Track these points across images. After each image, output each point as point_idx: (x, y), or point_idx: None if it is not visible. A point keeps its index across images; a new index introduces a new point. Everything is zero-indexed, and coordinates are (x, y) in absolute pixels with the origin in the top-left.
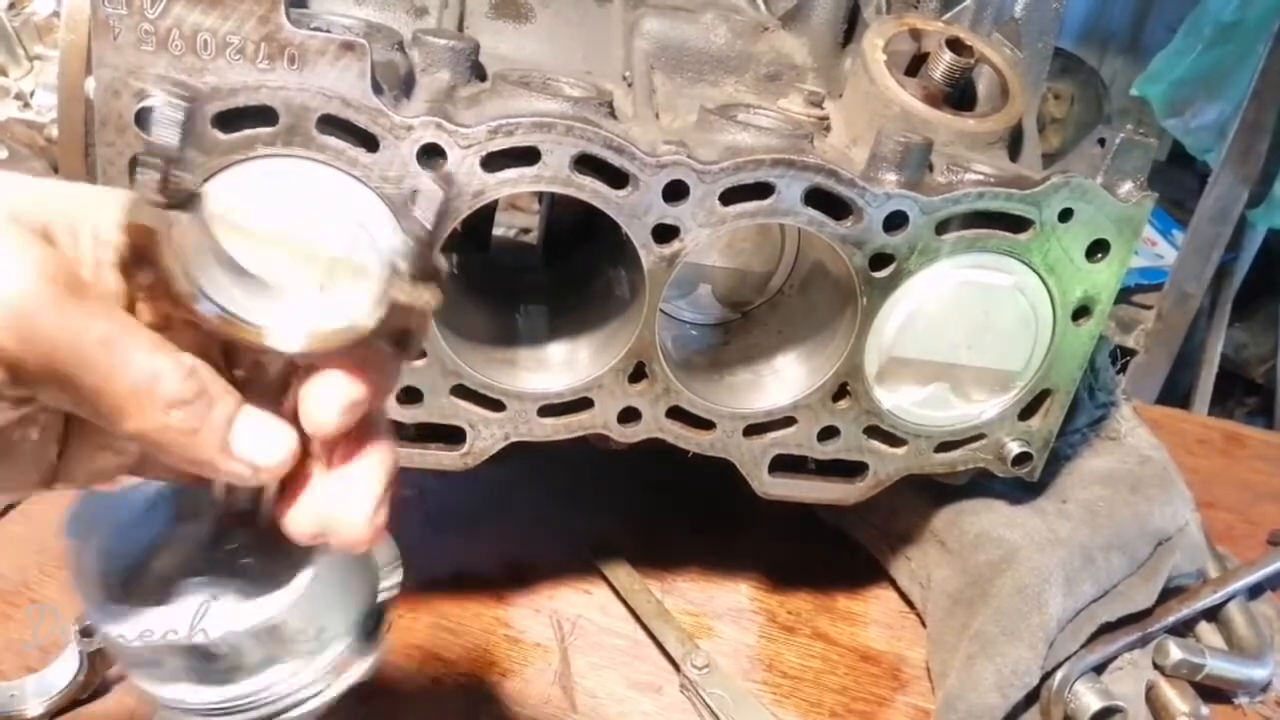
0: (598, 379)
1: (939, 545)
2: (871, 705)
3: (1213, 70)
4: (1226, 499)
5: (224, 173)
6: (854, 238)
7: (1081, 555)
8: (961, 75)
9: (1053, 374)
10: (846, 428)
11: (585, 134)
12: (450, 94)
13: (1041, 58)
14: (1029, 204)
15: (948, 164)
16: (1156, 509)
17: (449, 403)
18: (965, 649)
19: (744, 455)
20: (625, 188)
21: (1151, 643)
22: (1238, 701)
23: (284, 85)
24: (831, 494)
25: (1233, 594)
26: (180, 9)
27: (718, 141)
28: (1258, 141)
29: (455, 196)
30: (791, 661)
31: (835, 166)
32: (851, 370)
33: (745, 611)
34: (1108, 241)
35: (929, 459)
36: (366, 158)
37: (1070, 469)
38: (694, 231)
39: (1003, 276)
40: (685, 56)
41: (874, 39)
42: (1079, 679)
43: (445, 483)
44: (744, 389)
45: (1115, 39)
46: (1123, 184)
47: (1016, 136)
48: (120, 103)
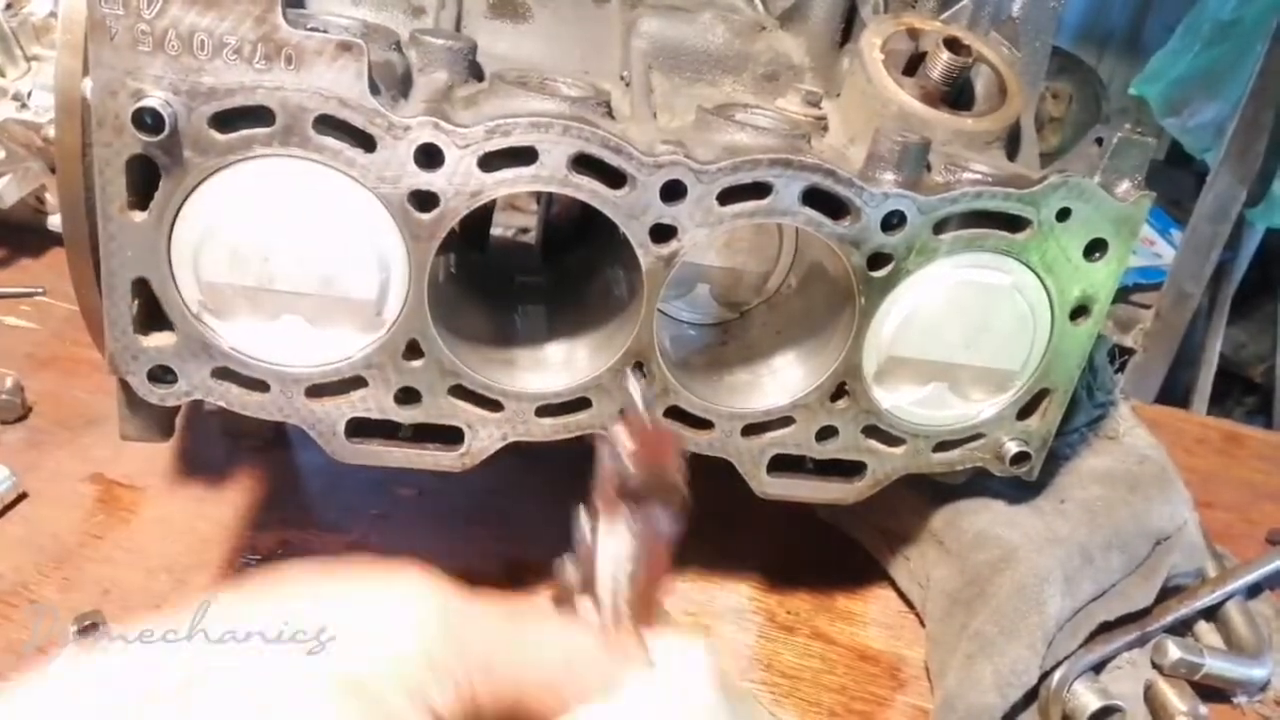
0: (596, 379)
1: (937, 545)
2: (870, 705)
3: (1211, 69)
4: (1225, 498)
5: (221, 173)
6: (852, 237)
7: (1080, 555)
8: (959, 74)
9: (1051, 373)
10: (845, 427)
11: (583, 134)
12: (448, 94)
13: (1039, 57)
14: (1027, 203)
15: (945, 163)
16: (1155, 508)
17: (447, 403)
18: (964, 648)
19: (742, 455)
20: (623, 187)
21: (1150, 642)
22: (1236, 701)
23: (281, 85)
24: (830, 494)
25: (1231, 593)
26: (177, 9)
27: (715, 141)
28: (1256, 141)
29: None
30: (790, 661)
31: (833, 166)
32: (850, 370)
33: (744, 611)
34: (1106, 241)
35: (927, 458)
36: (364, 158)
37: (1069, 468)
38: (692, 231)
39: (1001, 276)
40: (683, 56)
41: (871, 38)
42: (1078, 678)
43: (445, 483)
44: (742, 389)
45: (1113, 38)
46: (1121, 183)
47: (1014, 136)
48: (117, 103)
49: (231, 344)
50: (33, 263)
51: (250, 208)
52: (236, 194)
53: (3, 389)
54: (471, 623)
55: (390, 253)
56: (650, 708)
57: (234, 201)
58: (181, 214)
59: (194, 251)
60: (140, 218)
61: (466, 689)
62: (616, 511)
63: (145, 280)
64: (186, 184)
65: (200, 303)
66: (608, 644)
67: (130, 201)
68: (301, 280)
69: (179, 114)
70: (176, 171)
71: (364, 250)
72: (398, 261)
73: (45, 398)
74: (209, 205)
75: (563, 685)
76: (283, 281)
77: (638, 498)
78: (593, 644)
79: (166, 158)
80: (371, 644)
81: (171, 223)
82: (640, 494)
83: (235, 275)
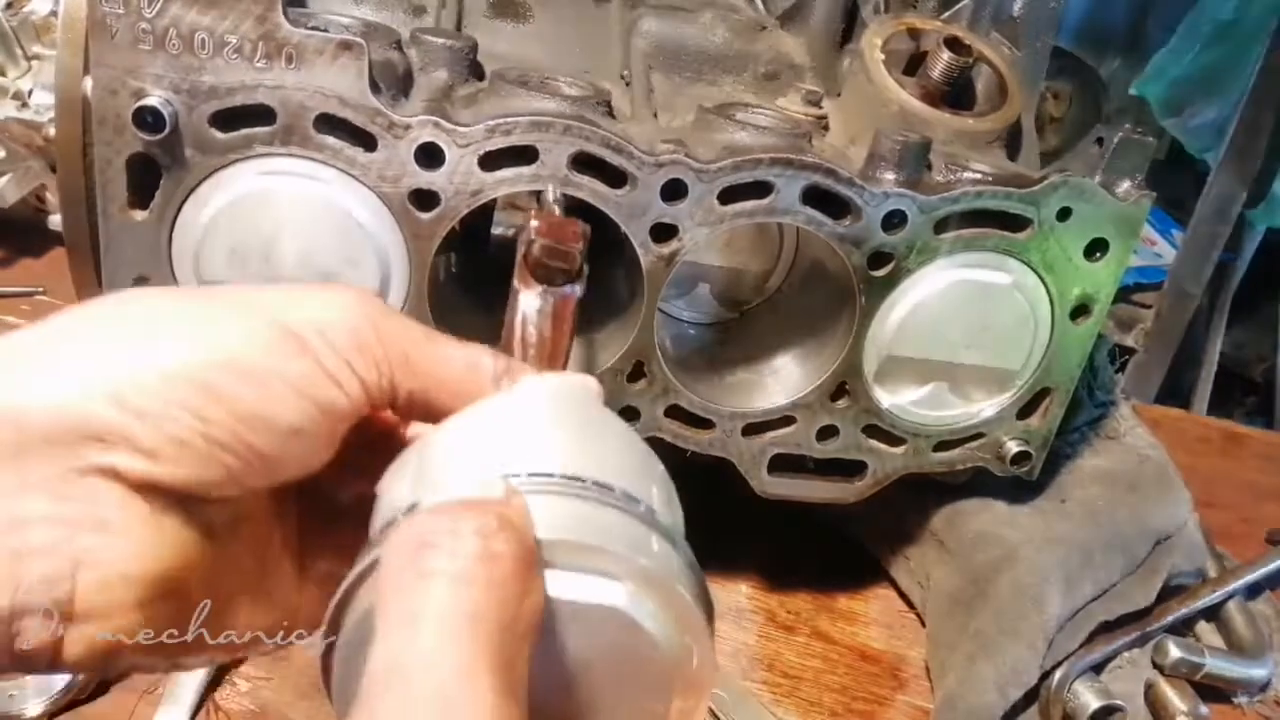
0: (596, 379)
1: (938, 545)
2: (871, 705)
3: (1211, 70)
4: (1226, 498)
5: (222, 172)
6: (852, 236)
7: (1080, 554)
8: (960, 74)
9: (1051, 373)
10: (845, 427)
11: (583, 133)
12: (448, 93)
13: (1040, 57)
14: (1027, 203)
15: (946, 163)
16: (1155, 508)
17: None
18: (964, 648)
19: (743, 454)
20: (623, 187)
21: (1150, 642)
22: (1237, 701)
23: (281, 84)
24: (830, 493)
25: (1232, 593)
26: (177, 8)
27: (716, 141)
28: (1256, 141)
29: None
30: (791, 661)
31: (833, 165)
32: (850, 369)
33: (745, 611)
34: (1106, 241)
35: (928, 458)
36: (364, 157)
37: (1069, 468)
38: (692, 231)
39: (1001, 275)
40: (683, 56)
41: (872, 38)
42: (1078, 678)
43: None
44: (742, 388)
45: (1114, 38)
46: (1121, 183)
47: (1015, 135)
48: (118, 102)
49: None
50: (33, 262)
51: (251, 207)
52: (237, 193)
53: None
54: (395, 320)
55: (391, 252)
56: (512, 404)
57: (235, 200)
58: (182, 213)
59: (195, 250)
60: (141, 217)
61: (386, 371)
62: (529, 282)
63: (146, 279)
64: (187, 183)
65: None
66: (511, 365)
67: (131, 200)
68: (302, 279)
69: (179, 113)
70: (177, 170)
71: (364, 249)
72: (398, 260)
73: None
74: (210, 204)
75: (464, 386)
76: (283, 280)
77: (542, 266)
78: (492, 363)
79: (167, 157)
80: (302, 308)
81: (172, 222)
82: (544, 261)
83: (236, 274)
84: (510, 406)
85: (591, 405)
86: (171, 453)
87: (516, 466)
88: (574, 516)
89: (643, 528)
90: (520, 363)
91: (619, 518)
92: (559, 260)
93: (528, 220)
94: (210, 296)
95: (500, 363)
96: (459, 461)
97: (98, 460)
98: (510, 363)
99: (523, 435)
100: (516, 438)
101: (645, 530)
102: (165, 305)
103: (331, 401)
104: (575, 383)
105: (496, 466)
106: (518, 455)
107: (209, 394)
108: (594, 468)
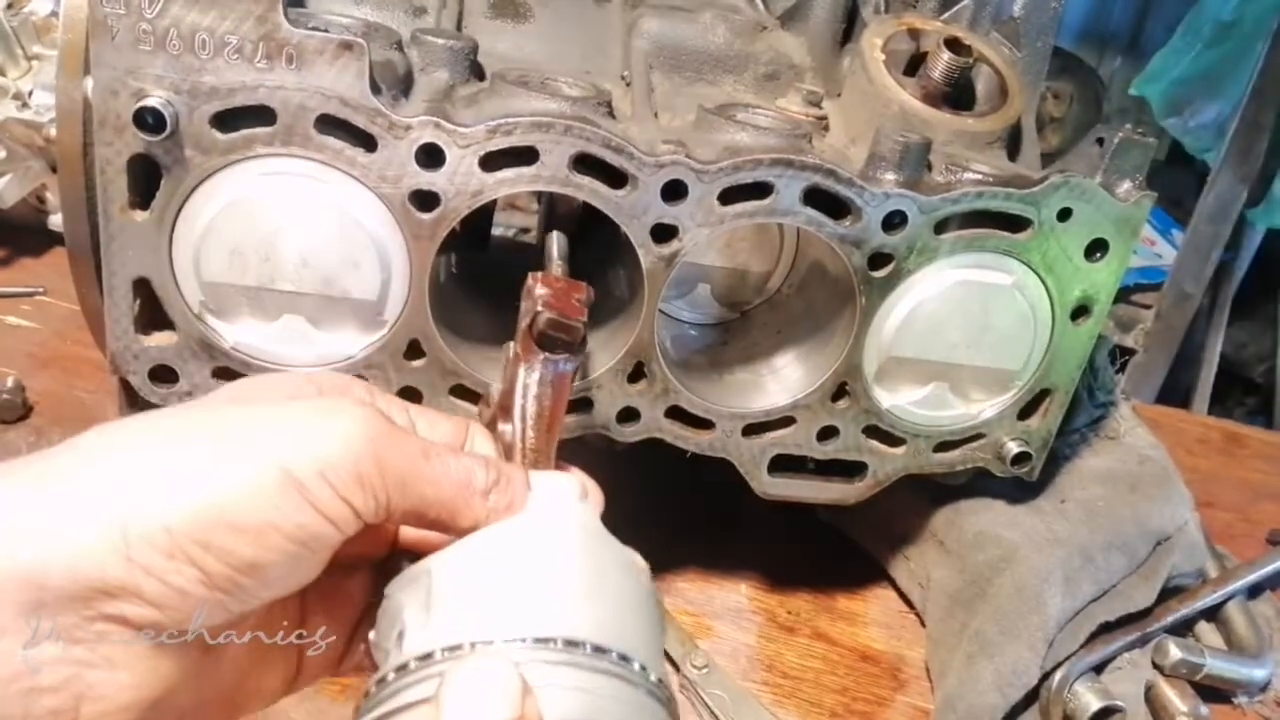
0: (597, 379)
1: (938, 545)
2: (871, 705)
3: (1211, 69)
4: (1226, 498)
5: (222, 173)
6: (853, 237)
7: (1081, 555)
8: (960, 74)
9: (1051, 373)
10: (845, 427)
11: (584, 133)
12: (449, 93)
13: (1040, 57)
14: (1028, 203)
15: (946, 163)
16: (1156, 508)
17: (447, 403)
18: (965, 649)
19: (743, 455)
20: (624, 187)
21: (1151, 642)
22: (1237, 701)
23: (282, 85)
24: (831, 494)
25: (1232, 594)
26: (178, 9)
27: (716, 141)
28: (1257, 141)
29: None
30: (791, 661)
31: (834, 166)
32: (850, 370)
33: (745, 611)
34: (1106, 241)
35: (928, 459)
36: (365, 157)
37: (1069, 469)
38: (692, 231)
39: (1001, 276)
40: (684, 56)
41: (872, 38)
42: (1078, 679)
43: None
44: (743, 389)
45: (1114, 38)
46: (1121, 183)
47: (1015, 136)
48: (118, 102)
49: (233, 344)
50: (33, 262)
51: (251, 207)
52: (238, 193)
53: (3, 389)
54: (396, 443)
55: (391, 252)
56: (511, 540)
57: (235, 201)
58: (183, 213)
59: (195, 251)
60: (141, 217)
61: (383, 499)
62: (531, 350)
63: (146, 280)
64: (188, 183)
65: (201, 302)
66: (501, 476)
67: (131, 201)
68: (302, 280)
69: (180, 113)
70: (178, 171)
71: (365, 250)
72: (399, 261)
73: (46, 397)
74: (210, 205)
75: (456, 506)
76: (284, 281)
77: (546, 336)
78: (484, 477)
79: (168, 157)
80: (305, 445)
81: (173, 222)
82: (547, 333)
83: (236, 275)
84: (518, 548)
85: (591, 540)
86: (174, 602)
87: (529, 628)
88: (579, 692)
89: (639, 692)
90: (510, 471)
91: (619, 688)
92: (563, 333)
93: (533, 285)
94: (220, 434)
95: (491, 474)
96: (473, 614)
97: (108, 610)
98: (500, 472)
99: (533, 591)
100: (528, 592)
101: (634, 691)
102: (175, 448)
103: (326, 538)
104: (576, 512)
105: (512, 628)
106: (530, 615)
107: (210, 549)
108: (591, 629)
